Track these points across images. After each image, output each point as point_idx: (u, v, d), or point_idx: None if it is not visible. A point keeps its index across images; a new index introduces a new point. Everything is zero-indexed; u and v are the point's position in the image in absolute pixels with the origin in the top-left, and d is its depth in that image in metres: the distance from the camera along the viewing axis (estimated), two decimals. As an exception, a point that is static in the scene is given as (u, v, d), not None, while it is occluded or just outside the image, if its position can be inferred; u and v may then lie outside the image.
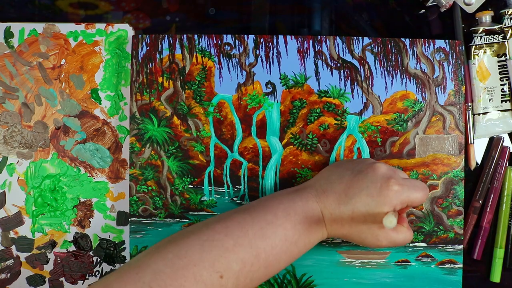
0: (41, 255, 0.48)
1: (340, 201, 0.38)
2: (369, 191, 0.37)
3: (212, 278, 0.33)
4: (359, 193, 0.37)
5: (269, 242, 0.36)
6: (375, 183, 0.37)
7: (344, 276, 0.46)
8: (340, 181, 0.39)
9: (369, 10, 0.50)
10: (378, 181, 0.37)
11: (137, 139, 0.46)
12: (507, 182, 0.48)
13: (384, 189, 0.37)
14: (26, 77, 0.48)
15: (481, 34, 0.48)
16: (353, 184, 0.38)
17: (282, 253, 0.37)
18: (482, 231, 0.48)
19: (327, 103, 0.47)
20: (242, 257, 0.34)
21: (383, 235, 0.38)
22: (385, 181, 0.37)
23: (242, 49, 0.47)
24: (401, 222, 0.40)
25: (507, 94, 0.48)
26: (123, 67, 0.48)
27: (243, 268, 0.34)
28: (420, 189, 0.38)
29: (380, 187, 0.37)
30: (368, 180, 0.38)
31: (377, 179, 0.38)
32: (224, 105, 0.47)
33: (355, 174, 0.39)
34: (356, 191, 0.38)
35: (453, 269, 0.46)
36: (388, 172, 0.38)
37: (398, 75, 0.47)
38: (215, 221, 0.37)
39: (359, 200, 0.37)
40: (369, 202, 0.37)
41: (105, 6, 0.50)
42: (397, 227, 0.39)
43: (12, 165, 0.48)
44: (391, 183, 0.37)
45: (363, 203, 0.37)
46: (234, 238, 0.35)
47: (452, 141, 0.46)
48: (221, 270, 0.33)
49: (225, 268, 0.34)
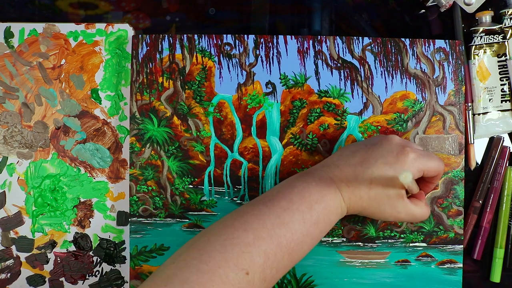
0: (41, 255, 0.48)
1: (356, 172, 0.38)
2: (386, 159, 0.37)
3: (238, 277, 0.33)
4: (375, 163, 0.38)
5: (288, 228, 0.35)
6: (391, 152, 0.38)
7: (344, 276, 0.46)
8: (354, 155, 0.39)
9: (369, 10, 0.50)
10: (394, 150, 0.38)
11: (137, 139, 0.46)
12: (507, 182, 0.48)
13: (401, 156, 0.37)
14: (26, 77, 0.48)
15: (481, 34, 0.48)
16: (368, 156, 0.38)
17: (303, 236, 0.36)
18: (482, 231, 0.48)
19: (327, 103, 0.47)
20: (264, 249, 0.34)
21: (402, 206, 0.38)
22: (401, 149, 0.38)
23: (242, 49, 0.47)
24: (420, 197, 0.41)
25: (507, 94, 0.48)
26: (123, 67, 0.48)
27: (267, 260, 0.34)
28: (436, 159, 0.39)
29: (396, 155, 0.37)
30: (383, 150, 0.38)
31: (393, 148, 0.38)
32: (224, 105, 0.47)
33: (369, 146, 0.39)
34: (372, 161, 0.38)
35: (453, 269, 0.46)
36: (403, 141, 0.39)
37: (398, 75, 0.47)
38: (233, 218, 0.37)
39: (376, 169, 0.37)
40: (387, 170, 0.37)
41: (105, 6, 0.50)
42: (416, 202, 0.40)
43: (12, 165, 0.48)
44: (407, 150, 0.38)
45: (380, 172, 0.37)
46: (253, 231, 0.35)
47: (452, 141, 0.46)
48: (246, 266, 0.33)
49: (249, 263, 0.33)
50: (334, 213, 0.38)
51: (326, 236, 0.46)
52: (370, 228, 0.46)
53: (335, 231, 0.46)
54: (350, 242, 0.46)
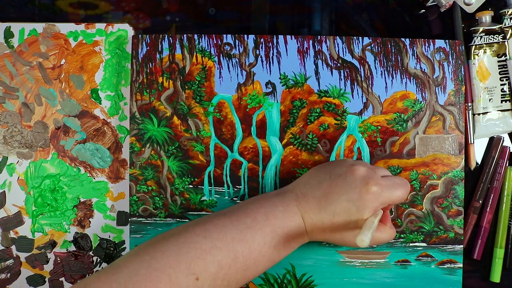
0: (41, 255, 0.48)
1: (320, 206, 0.38)
2: (349, 196, 0.37)
3: (187, 280, 0.33)
4: (338, 199, 0.37)
5: (247, 245, 0.36)
6: (354, 188, 0.37)
7: (344, 276, 0.46)
8: (319, 186, 0.39)
9: (369, 10, 0.50)
10: (357, 185, 0.37)
11: (137, 139, 0.46)
12: (507, 182, 0.48)
13: (364, 193, 0.37)
14: (26, 77, 0.48)
15: (481, 34, 0.48)
16: (332, 190, 0.38)
17: (261, 257, 0.36)
18: (482, 231, 0.48)
19: (327, 103, 0.47)
20: (219, 260, 0.34)
21: None
22: (364, 185, 0.37)
23: (242, 49, 0.47)
24: (384, 221, 0.40)
25: (507, 94, 0.48)
26: (123, 67, 0.48)
27: (220, 270, 0.34)
28: (401, 186, 0.38)
29: (359, 191, 0.37)
30: (347, 185, 0.38)
31: (356, 183, 0.37)
32: (224, 105, 0.47)
33: (334, 178, 0.39)
34: (335, 197, 0.37)
35: (453, 269, 0.46)
36: (367, 173, 0.38)
37: (398, 75, 0.47)
38: (195, 224, 0.37)
39: (339, 205, 0.37)
40: (350, 207, 0.37)
41: (105, 6, 0.50)
42: (381, 227, 0.40)
43: (12, 165, 0.48)
44: (370, 186, 0.37)
45: (343, 209, 0.37)
46: (212, 240, 0.35)
47: (452, 141, 0.46)
48: (197, 272, 0.33)
49: (201, 270, 0.34)
50: (296, 240, 0.39)
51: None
52: (370, 228, 0.46)
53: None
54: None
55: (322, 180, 0.39)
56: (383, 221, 0.40)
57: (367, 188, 0.37)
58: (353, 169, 0.38)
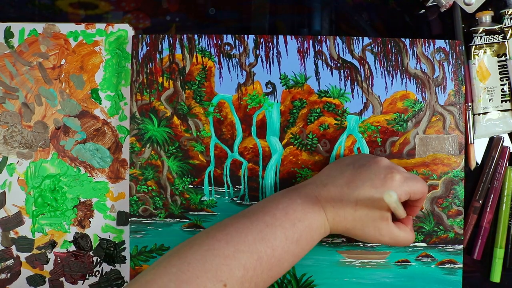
0: (41, 255, 0.48)
1: (342, 193, 0.38)
2: (373, 182, 0.37)
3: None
4: (362, 185, 0.38)
5: (269, 244, 0.36)
6: (379, 175, 0.38)
7: (344, 276, 0.46)
8: (341, 176, 0.39)
9: (369, 10, 0.50)
10: (381, 172, 0.38)
11: (137, 139, 0.46)
12: (507, 182, 0.48)
13: (388, 179, 0.37)
14: (26, 77, 0.48)
15: (481, 34, 0.48)
16: (355, 177, 0.38)
17: (284, 253, 0.36)
18: (482, 231, 0.48)
19: (327, 103, 0.47)
20: (244, 263, 0.34)
21: (386, 229, 0.38)
22: (388, 172, 0.38)
23: (242, 49, 0.47)
24: (406, 222, 0.41)
25: (507, 94, 0.48)
26: (123, 67, 0.48)
27: (246, 273, 0.34)
28: (421, 181, 0.39)
29: (383, 178, 0.37)
30: (371, 172, 0.38)
31: (380, 171, 0.38)
32: (224, 105, 0.47)
33: (357, 168, 0.39)
34: (359, 183, 0.38)
35: (453, 269, 0.46)
36: (391, 165, 0.39)
37: (398, 75, 0.47)
38: (216, 229, 0.37)
39: (363, 191, 0.37)
40: (373, 192, 0.37)
41: (105, 6, 0.50)
42: (401, 226, 0.40)
43: (12, 165, 0.48)
44: (394, 174, 0.37)
45: (367, 194, 0.37)
46: (234, 244, 0.35)
47: (452, 141, 0.46)
48: (224, 278, 0.33)
49: (228, 276, 0.34)
50: (317, 232, 0.38)
51: (326, 236, 0.46)
52: (370, 228, 0.46)
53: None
54: (350, 242, 0.46)
55: (345, 170, 0.40)
56: (405, 223, 0.40)
57: (391, 176, 0.37)
58: (377, 160, 0.39)
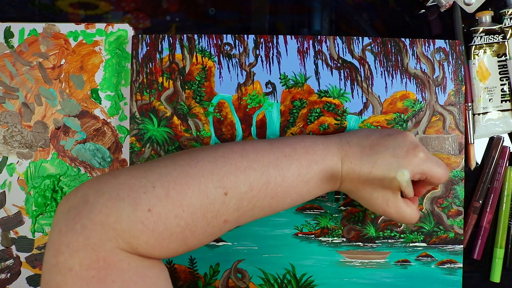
0: (41, 255, 0.48)
1: (363, 153, 0.38)
2: (395, 152, 0.37)
3: (216, 192, 0.33)
4: (384, 151, 0.38)
5: (281, 172, 0.36)
6: (403, 147, 0.38)
7: (344, 276, 0.46)
8: (367, 138, 0.39)
9: (369, 10, 0.50)
10: (406, 145, 0.38)
11: (137, 139, 0.46)
12: (507, 182, 0.48)
13: (411, 153, 0.37)
14: (26, 77, 0.48)
15: (481, 34, 0.48)
16: (380, 142, 0.39)
17: (291, 188, 0.36)
18: (482, 231, 0.48)
19: (327, 103, 0.47)
20: (251, 181, 0.34)
21: (393, 201, 0.38)
22: (412, 147, 0.38)
23: (242, 49, 0.47)
24: (413, 201, 0.40)
25: (507, 94, 0.48)
26: (123, 67, 0.48)
27: (250, 191, 0.34)
28: (443, 166, 0.38)
29: (406, 151, 0.37)
30: (396, 143, 0.38)
31: (405, 144, 0.38)
32: (224, 105, 0.47)
33: (383, 135, 0.39)
34: (382, 149, 0.38)
35: (453, 269, 0.46)
36: (417, 141, 0.39)
37: (398, 75, 0.47)
38: (235, 143, 0.37)
39: (383, 157, 0.37)
40: (392, 162, 0.37)
41: (105, 6, 0.50)
42: (408, 203, 0.39)
43: (12, 165, 0.48)
44: (418, 150, 0.37)
45: (385, 161, 0.37)
46: (249, 160, 0.35)
47: (452, 141, 0.46)
48: (227, 187, 0.33)
49: (232, 186, 0.33)
50: (328, 180, 0.38)
51: (326, 236, 0.46)
52: (370, 228, 0.46)
53: (335, 231, 0.46)
54: (350, 242, 0.46)
55: (371, 134, 0.40)
56: (412, 200, 0.40)
57: (415, 152, 0.37)
58: (405, 134, 0.39)
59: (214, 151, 0.35)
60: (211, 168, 0.33)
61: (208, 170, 0.33)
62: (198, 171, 0.33)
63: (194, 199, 0.32)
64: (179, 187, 0.32)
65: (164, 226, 0.31)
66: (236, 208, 0.34)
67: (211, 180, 0.33)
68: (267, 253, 0.46)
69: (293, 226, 0.46)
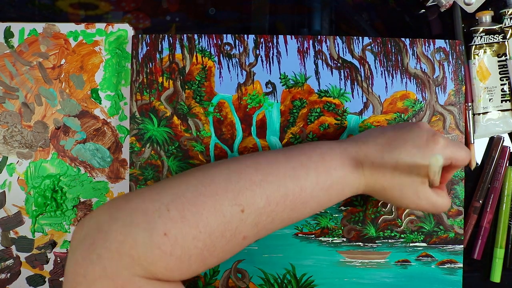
0: (41, 255, 0.48)
1: (383, 150, 0.37)
2: (415, 142, 0.36)
3: (232, 210, 0.32)
4: (404, 144, 0.37)
5: (299, 183, 0.34)
6: (421, 137, 0.37)
7: (344, 276, 0.46)
8: (382, 135, 0.38)
9: (369, 10, 0.50)
10: (424, 135, 0.37)
11: (137, 139, 0.46)
12: (507, 182, 0.48)
13: (431, 141, 0.36)
14: (26, 77, 0.48)
15: (481, 34, 0.48)
16: (397, 137, 0.37)
17: (311, 197, 0.35)
18: (482, 231, 0.48)
19: (327, 103, 0.47)
20: (268, 194, 0.33)
21: (424, 193, 0.37)
22: (431, 135, 0.37)
23: (242, 49, 0.47)
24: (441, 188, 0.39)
25: (507, 94, 0.48)
26: (123, 67, 0.48)
27: (268, 206, 0.33)
28: (464, 148, 0.38)
29: (426, 140, 0.36)
30: (413, 134, 0.37)
31: (423, 133, 0.37)
32: (224, 105, 0.47)
33: (398, 129, 0.38)
34: (401, 142, 0.37)
35: (453, 269, 0.46)
36: (432, 129, 0.38)
37: (398, 75, 0.47)
38: (247, 157, 0.36)
39: (404, 150, 0.36)
40: (415, 153, 0.36)
41: (105, 6, 0.50)
42: (439, 192, 0.38)
43: (12, 165, 0.48)
44: (437, 137, 0.37)
45: (408, 153, 0.36)
46: (264, 174, 0.34)
47: (452, 141, 0.46)
48: (244, 203, 0.32)
49: (249, 202, 0.32)
50: (350, 186, 0.37)
51: (326, 236, 0.46)
52: (370, 228, 0.46)
53: (335, 231, 0.46)
54: (350, 242, 0.46)
55: (386, 131, 0.39)
56: (441, 189, 0.39)
57: (434, 139, 0.36)
58: (419, 124, 0.38)
59: (226, 166, 0.34)
60: (225, 185, 0.32)
61: (222, 187, 0.32)
62: (212, 189, 0.32)
63: (211, 219, 0.31)
64: (194, 208, 0.31)
65: (181, 249, 0.30)
66: (254, 224, 0.33)
67: (226, 198, 0.32)
68: (267, 253, 0.46)
69: (293, 226, 0.46)
